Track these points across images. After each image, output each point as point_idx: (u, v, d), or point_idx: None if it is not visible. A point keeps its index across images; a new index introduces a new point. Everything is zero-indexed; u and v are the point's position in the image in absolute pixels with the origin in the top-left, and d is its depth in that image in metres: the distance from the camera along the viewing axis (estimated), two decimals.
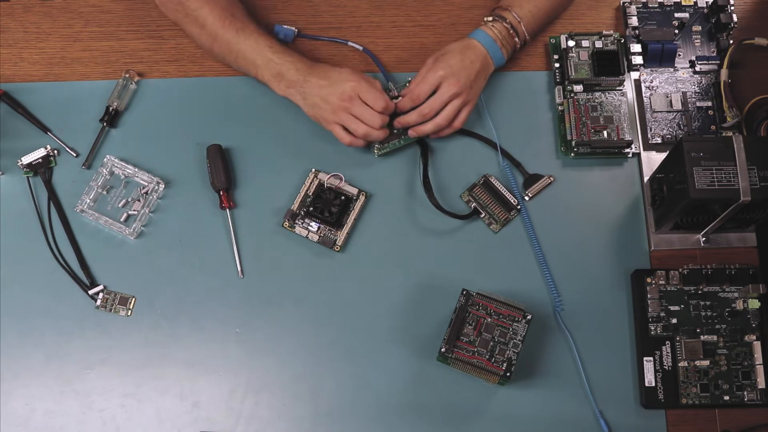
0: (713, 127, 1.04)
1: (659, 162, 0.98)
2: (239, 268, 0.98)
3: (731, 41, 1.06)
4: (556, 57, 1.07)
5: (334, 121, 0.98)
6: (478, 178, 1.02)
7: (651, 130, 1.04)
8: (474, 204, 1.01)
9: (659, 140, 1.03)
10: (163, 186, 1.01)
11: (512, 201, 1.00)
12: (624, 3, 1.09)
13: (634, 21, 1.07)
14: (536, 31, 1.06)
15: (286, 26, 1.08)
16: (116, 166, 1.02)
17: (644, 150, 1.03)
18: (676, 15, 1.08)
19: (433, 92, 0.99)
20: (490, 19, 1.02)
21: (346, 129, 0.98)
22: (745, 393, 0.93)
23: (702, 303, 0.96)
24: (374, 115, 0.97)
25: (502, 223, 1.00)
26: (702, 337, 0.95)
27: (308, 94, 0.98)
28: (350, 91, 0.96)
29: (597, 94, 1.05)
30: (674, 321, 0.95)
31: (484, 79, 1.02)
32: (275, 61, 0.99)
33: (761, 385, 0.93)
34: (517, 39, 1.03)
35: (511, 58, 1.06)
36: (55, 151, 1.03)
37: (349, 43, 1.08)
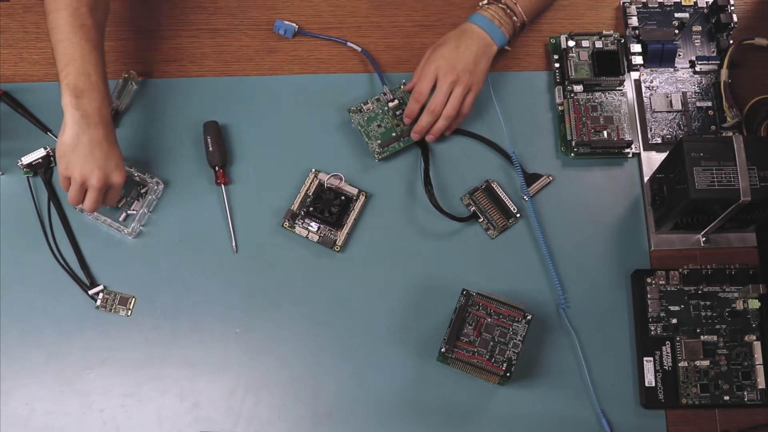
0: (713, 127, 1.04)
1: (659, 162, 0.98)
2: (234, 244, 0.99)
3: (731, 41, 1.06)
4: (556, 57, 1.07)
5: (64, 175, 0.93)
6: (481, 182, 1.02)
7: (651, 130, 1.04)
8: (474, 208, 1.01)
9: (659, 140, 1.03)
10: (162, 186, 1.01)
11: (512, 209, 1.00)
12: (624, 3, 1.09)
13: (634, 21, 1.07)
14: (534, 13, 1.06)
15: (287, 22, 1.08)
16: None
17: (644, 150, 1.03)
18: (676, 15, 1.08)
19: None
20: (485, 2, 1.03)
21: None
22: (745, 393, 0.93)
23: (702, 303, 0.96)
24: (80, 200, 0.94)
25: (499, 229, 1.00)
26: (702, 337, 0.95)
27: (71, 138, 0.92)
28: (88, 177, 0.92)
29: (597, 94, 1.05)
30: (674, 321, 0.95)
31: (486, 61, 1.01)
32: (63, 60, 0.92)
33: (761, 385, 0.93)
34: (515, 18, 1.03)
35: (512, 39, 1.05)
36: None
37: (348, 44, 1.08)
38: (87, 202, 0.94)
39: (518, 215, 1.00)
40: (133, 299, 0.98)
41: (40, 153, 1.02)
